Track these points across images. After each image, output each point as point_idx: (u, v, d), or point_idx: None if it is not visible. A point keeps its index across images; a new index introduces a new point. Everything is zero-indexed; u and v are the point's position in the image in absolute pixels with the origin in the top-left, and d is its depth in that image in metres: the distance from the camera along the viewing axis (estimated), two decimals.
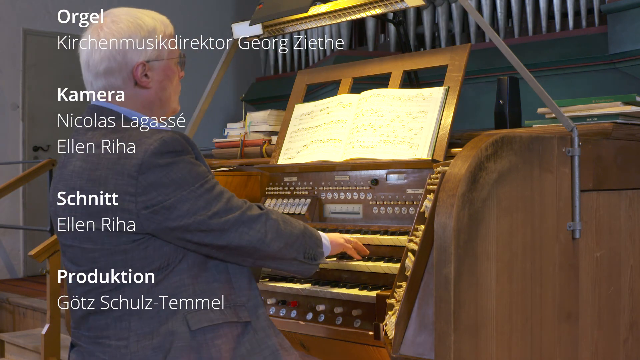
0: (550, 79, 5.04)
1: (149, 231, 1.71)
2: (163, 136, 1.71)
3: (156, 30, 1.83)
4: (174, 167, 1.70)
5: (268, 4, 2.82)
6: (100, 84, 1.81)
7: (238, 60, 7.90)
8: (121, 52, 1.79)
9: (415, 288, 1.85)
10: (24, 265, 6.89)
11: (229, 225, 1.75)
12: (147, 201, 1.69)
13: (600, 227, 2.15)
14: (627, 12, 4.64)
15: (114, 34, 1.79)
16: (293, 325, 2.30)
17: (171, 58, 1.86)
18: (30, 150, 7.00)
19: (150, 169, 1.68)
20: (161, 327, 1.72)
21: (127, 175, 1.68)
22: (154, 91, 1.84)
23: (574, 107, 2.28)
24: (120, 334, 1.73)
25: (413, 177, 2.39)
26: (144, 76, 1.81)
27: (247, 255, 1.81)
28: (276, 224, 1.84)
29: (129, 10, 1.85)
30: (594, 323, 2.13)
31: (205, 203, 1.73)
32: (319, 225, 2.58)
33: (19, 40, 6.93)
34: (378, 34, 6.58)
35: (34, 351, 4.72)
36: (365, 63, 2.77)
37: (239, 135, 3.33)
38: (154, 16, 1.86)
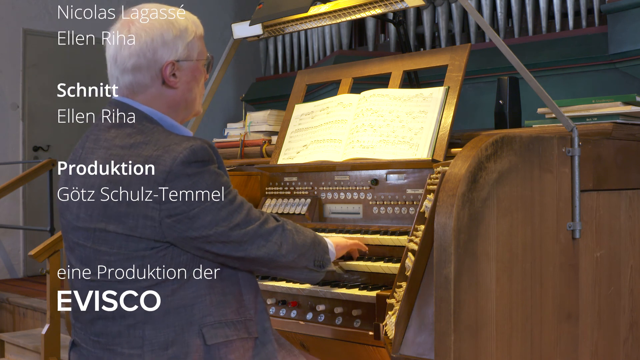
0: (550, 79, 5.04)
1: (170, 239, 1.68)
2: (192, 145, 1.68)
3: (188, 30, 1.79)
4: (200, 177, 1.68)
5: (268, 4, 2.82)
6: (127, 80, 1.77)
7: (238, 60, 7.90)
8: (152, 49, 1.75)
9: (415, 288, 1.85)
10: (24, 265, 6.89)
11: (247, 238, 1.74)
12: (171, 210, 1.66)
13: (600, 227, 2.15)
14: (627, 12, 4.63)
15: (146, 30, 1.75)
16: (293, 325, 2.30)
17: (200, 59, 1.83)
18: (30, 150, 7.00)
19: (177, 178, 1.66)
20: (177, 338, 1.69)
21: (154, 182, 1.65)
22: (181, 92, 1.80)
23: (574, 107, 2.28)
24: (134, 342, 1.69)
25: (413, 177, 2.39)
26: (172, 75, 1.77)
27: (262, 265, 1.81)
28: (291, 235, 1.85)
29: (160, 6, 1.80)
30: (594, 323, 2.13)
31: (227, 214, 1.71)
32: (319, 225, 2.58)
33: (19, 40, 6.93)
34: (378, 34, 6.58)
35: (34, 351, 4.72)
36: (365, 63, 2.77)
37: (239, 135, 3.34)
38: (186, 15, 1.82)
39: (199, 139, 1.74)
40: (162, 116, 1.78)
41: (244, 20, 2.93)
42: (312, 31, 6.94)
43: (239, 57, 7.74)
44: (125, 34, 1.75)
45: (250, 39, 2.95)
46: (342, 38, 6.72)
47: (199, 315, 1.72)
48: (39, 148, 7.02)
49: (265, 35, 2.92)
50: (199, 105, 1.88)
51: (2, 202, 6.47)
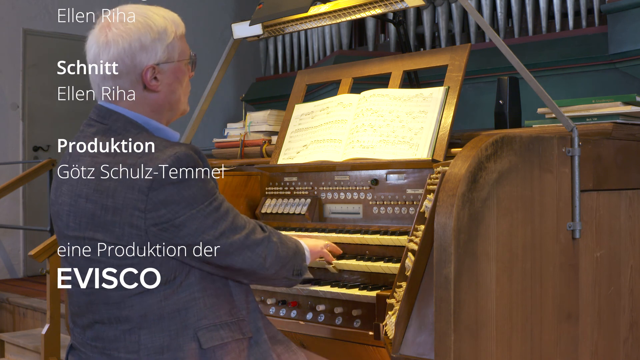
0: (550, 79, 5.04)
1: (157, 248, 1.67)
2: (177, 152, 1.66)
3: (167, 31, 1.76)
4: (185, 185, 1.66)
5: (268, 4, 2.82)
6: (108, 85, 1.74)
7: (238, 60, 7.90)
8: (130, 55, 1.72)
9: (415, 288, 1.85)
10: (24, 265, 6.89)
11: (233, 249, 1.73)
12: (157, 218, 1.64)
13: (600, 227, 2.15)
14: (627, 12, 4.64)
15: (123, 35, 1.72)
16: (293, 325, 2.30)
17: (182, 60, 1.80)
18: (30, 150, 7.00)
19: (162, 186, 1.64)
20: (172, 342, 1.69)
21: (138, 190, 1.64)
22: (164, 94, 1.78)
23: (574, 107, 2.28)
24: (131, 347, 1.69)
25: (413, 177, 2.39)
26: (153, 79, 1.75)
27: (244, 275, 1.80)
28: (276, 247, 1.83)
29: (138, 8, 1.76)
30: (594, 323, 2.13)
31: (213, 222, 1.70)
32: (318, 225, 2.58)
33: (19, 40, 6.93)
34: (378, 34, 6.58)
35: (34, 351, 4.72)
36: (365, 63, 2.77)
37: (239, 135, 3.33)
38: (165, 15, 1.78)
39: (183, 144, 1.71)
40: (146, 120, 1.76)
41: (244, 20, 2.93)
42: (312, 31, 6.94)
43: (239, 57, 7.74)
44: (104, 39, 1.72)
45: (250, 39, 2.95)
46: (342, 38, 6.72)
47: (194, 318, 1.71)
48: (39, 148, 7.02)
49: (265, 35, 2.92)
50: (185, 105, 1.85)
51: (2, 202, 6.48)
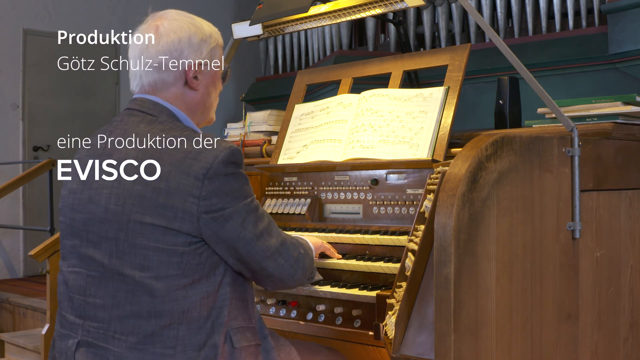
0: (550, 79, 5.04)
1: (204, 237, 1.68)
2: (231, 146, 1.72)
3: (212, 36, 1.84)
4: (235, 178, 1.71)
5: (268, 4, 2.82)
6: (151, 77, 1.79)
7: (238, 60, 7.90)
8: (178, 49, 1.79)
9: (415, 288, 1.85)
10: (24, 265, 6.89)
11: (270, 253, 1.77)
12: (210, 206, 1.67)
13: (600, 227, 2.15)
14: (627, 12, 4.64)
15: (175, 31, 1.79)
16: (293, 325, 2.30)
17: (218, 68, 1.87)
18: (30, 150, 7.00)
19: (216, 176, 1.67)
20: (208, 340, 1.70)
21: (194, 176, 1.66)
22: (200, 95, 1.84)
23: (574, 107, 2.28)
24: (168, 342, 1.67)
25: (413, 177, 2.39)
26: (194, 77, 1.81)
27: (271, 281, 1.83)
28: (304, 260, 1.88)
29: (184, 14, 1.84)
30: (594, 323, 2.13)
31: (255, 220, 1.74)
32: (319, 225, 2.58)
33: (19, 40, 6.93)
34: (378, 34, 6.58)
35: (34, 351, 4.72)
36: (365, 63, 2.77)
37: (239, 135, 3.33)
38: (209, 24, 1.88)
39: (230, 142, 1.76)
40: (184, 116, 1.82)
41: (244, 20, 2.93)
42: (312, 31, 6.94)
43: (239, 57, 7.74)
44: (154, 33, 1.79)
45: (250, 39, 2.95)
46: (342, 38, 6.72)
47: (227, 318, 1.73)
48: (39, 148, 7.02)
49: (265, 35, 2.92)
50: (213, 113, 1.92)
51: (2, 202, 6.47)
